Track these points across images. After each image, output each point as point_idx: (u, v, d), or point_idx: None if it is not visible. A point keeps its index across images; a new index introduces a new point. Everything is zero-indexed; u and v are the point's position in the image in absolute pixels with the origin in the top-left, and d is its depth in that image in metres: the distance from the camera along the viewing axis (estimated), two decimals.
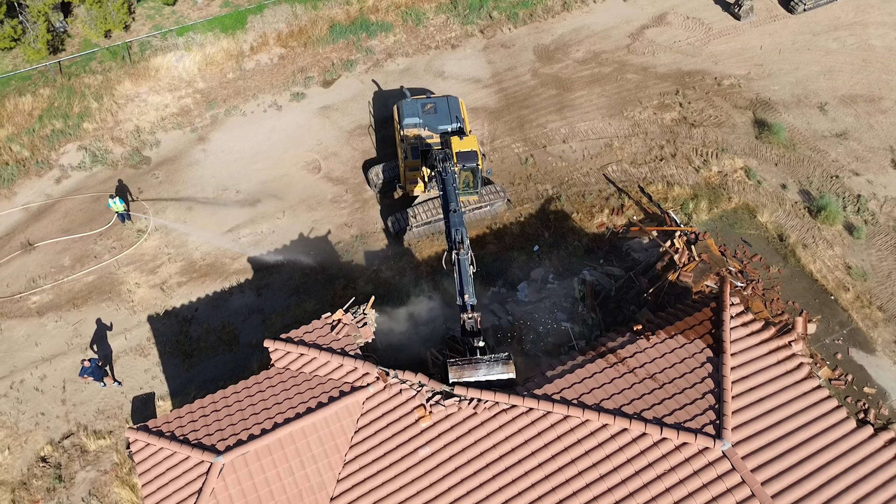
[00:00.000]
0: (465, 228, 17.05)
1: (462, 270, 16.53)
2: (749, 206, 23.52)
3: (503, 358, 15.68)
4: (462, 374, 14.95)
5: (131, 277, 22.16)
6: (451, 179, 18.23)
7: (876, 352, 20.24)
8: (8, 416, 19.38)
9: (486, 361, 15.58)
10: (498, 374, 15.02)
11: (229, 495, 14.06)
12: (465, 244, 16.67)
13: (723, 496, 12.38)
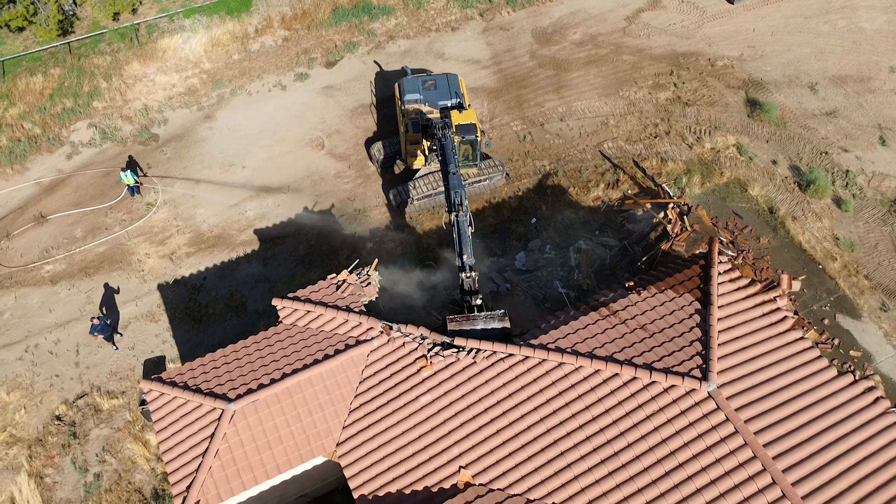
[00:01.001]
0: (463, 191, 17.74)
1: (461, 231, 17.23)
2: (740, 180, 24.23)
3: (499, 315, 16.41)
4: (460, 328, 15.68)
5: (141, 248, 22.87)
6: (451, 144, 18.93)
7: (862, 318, 20.95)
8: (23, 377, 20.09)
9: (483, 317, 16.30)
10: (494, 328, 15.73)
11: (240, 440, 14.78)
12: (464, 206, 17.36)
13: (708, 433, 13.10)
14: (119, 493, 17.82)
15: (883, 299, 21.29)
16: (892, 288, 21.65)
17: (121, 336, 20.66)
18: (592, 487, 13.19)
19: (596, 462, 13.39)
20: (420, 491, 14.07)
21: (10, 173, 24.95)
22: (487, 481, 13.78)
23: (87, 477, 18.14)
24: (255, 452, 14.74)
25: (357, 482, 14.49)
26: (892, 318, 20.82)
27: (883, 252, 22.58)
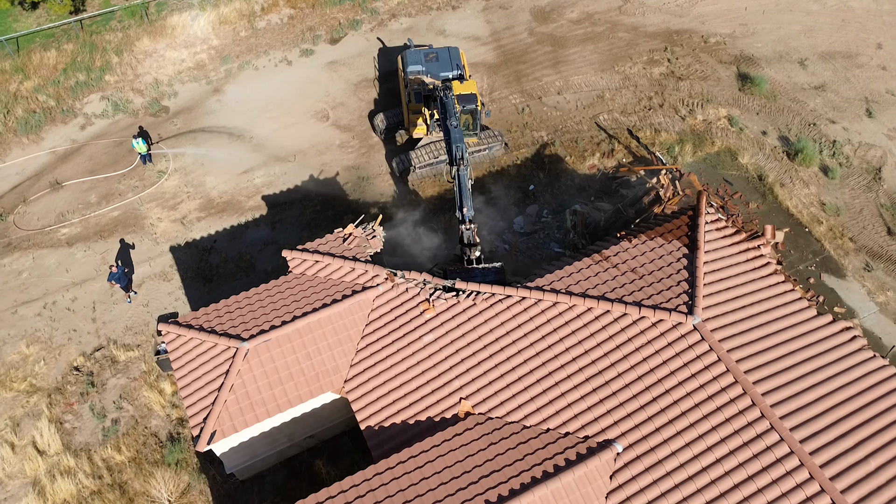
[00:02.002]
0: (464, 145, 18.59)
1: (462, 184, 18.10)
2: (731, 149, 25.11)
3: (496, 268, 17.29)
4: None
5: (154, 213, 23.74)
6: (451, 102, 19.78)
7: (846, 277, 21.83)
8: (42, 332, 20.96)
9: (481, 269, 17.18)
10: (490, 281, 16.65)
11: (254, 376, 15.67)
12: (465, 160, 18.22)
13: (693, 362, 13.98)
14: (136, 436, 18.70)
15: (867, 260, 22.18)
16: (875, 250, 22.54)
17: (135, 294, 21.53)
18: (585, 413, 14.08)
19: (588, 391, 14.28)
20: (423, 421, 14.95)
21: (25, 143, 25.81)
22: (486, 410, 14.67)
23: (104, 422, 19.02)
24: (268, 388, 15.62)
25: (364, 415, 15.38)
26: (875, 278, 21.70)
27: (867, 217, 23.46)
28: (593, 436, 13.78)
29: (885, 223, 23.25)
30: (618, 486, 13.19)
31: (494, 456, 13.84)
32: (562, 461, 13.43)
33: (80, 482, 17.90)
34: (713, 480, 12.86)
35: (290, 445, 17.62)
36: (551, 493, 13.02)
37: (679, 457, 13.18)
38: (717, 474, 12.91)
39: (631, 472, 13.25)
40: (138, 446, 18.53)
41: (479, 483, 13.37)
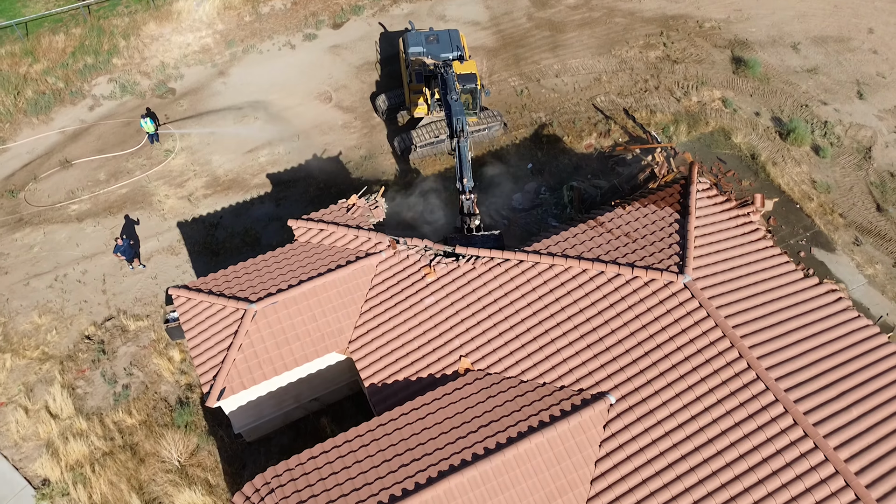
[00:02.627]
0: (465, 118, 19.18)
1: (462, 156, 18.69)
2: (725, 129, 25.70)
3: (495, 236, 17.90)
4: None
5: (161, 190, 24.34)
6: (452, 78, 20.38)
7: (836, 251, 22.43)
8: (54, 303, 21.56)
9: (481, 237, 17.79)
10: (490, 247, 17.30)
11: (261, 336, 16.27)
12: (465, 132, 18.81)
13: (684, 318, 14.58)
14: (146, 401, 19.30)
15: (856, 235, 22.78)
16: (865, 225, 23.14)
17: (143, 267, 22.13)
18: (579, 368, 14.69)
19: (582, 347, 14.88)
20: (425, 378, 15.56)
21: (35, 123, 26.42)
22: (485, 367, 15.28)
23: (115, 388, 19.62)
24: (275, 347, 16.22)
25: (367, 373, 15.98)
26: (864, 252, 22.30)
27: (857, 194, 24.06)
28: (587, 388, 14.39)
29: (875, 200, 23.85)
30: (611, 434, 13.80)
31: (493, 408, 14.45)
32: (557, 412, 14.03)
33: (93, 444, 18.50)
34: (701, 428, 13.47)
35: (295, 407, 18.22)
36: (547, 440, 13.63)
37: (669, 406, 13.78)
38: (706, 422, 13.51)
39: (623, 422, 13.86)
40: (148, 410, 19.13)
41: (478, 432, 13.98)
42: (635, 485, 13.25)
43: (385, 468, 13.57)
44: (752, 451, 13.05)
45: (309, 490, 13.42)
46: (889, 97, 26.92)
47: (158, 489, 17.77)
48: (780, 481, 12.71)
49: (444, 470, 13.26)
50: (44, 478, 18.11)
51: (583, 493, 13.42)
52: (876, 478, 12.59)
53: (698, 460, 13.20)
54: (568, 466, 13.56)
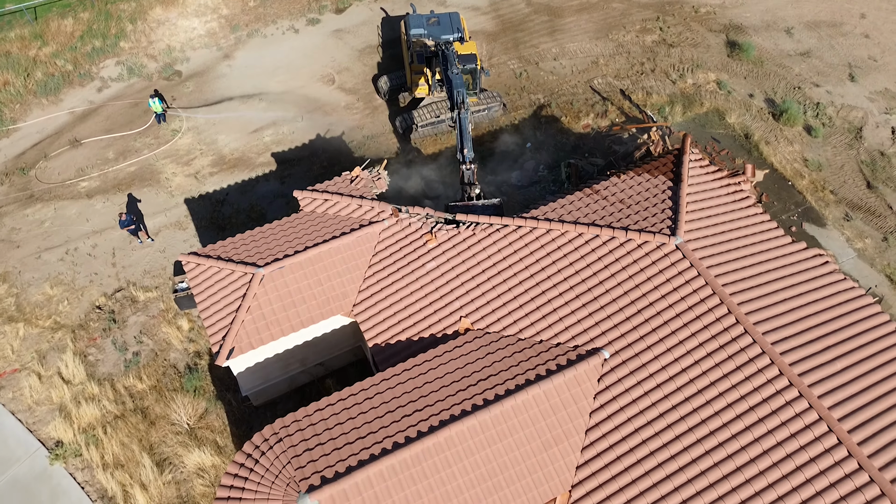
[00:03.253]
0: (465, 90, 19.76)
1: (463, 127, 19.28)
2: (719, 110, 26.30)
3: (494, 203, 18.50)
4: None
5: (169, 168, 24.93)
6: (452, 54, 20.99)
7: (826, 226, 23.03)
8: (65, 275, 22.15)
9: (481, 205, 18.39)
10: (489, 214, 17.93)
11: (269, 299, 16.87)
12: (466, 104, 19.39)
13: (675, 278, 15.17)
14: (156, 367, 19.90)
15: (847, 211, 23.37)
16: (855, 202, 23.74)
17: (152, 241, 22.71)
18: (575, 326, 15.28)
19: (578, 306, 15.47)
20: (426, 337, 16.15)
21: (45, 104, 27.02)
22: (485, 326, 15.87)
23: (126, 355, 20.22)
24: (282, 310, 16.82)
25: (371, 334, 16.57)
26: (854, 227, 22.90)
27: (848, 172, 24.65)
28: (583, 345, 14.99)
29: (865, 178, 24.44)
30: (605, 387, 14.39)
31: (492, 363, 15.05)
32: (553, 366, 14.62)
33: (104, 407, 19.10)
34: (691, 379, 14.06)
35: (301, 371, 18.82)
36: (543, 392, 14.22)
37: (661, 360, 14.37)
38: (696, 374, 14.10)
39: (617, 376, 14.45)
40: (158, 376, 19.73)
41: (477, 385, 14.57)
42: (628, 434, 13.84)
43: (389, 418, 14.16)
44: (740, 400, 13.64)
45: (316, 439, 14.00)
46: (880, 79, 27.51)
47: (168, 450, 18.36)
48: (766, 427, 13.29)
49: (445, 419, 13.85)
50: (57, 439, 18.71)
51: (578, 442, 14.01)
52: (855, 419, 13.20)
53: (688, 409, 13.79)
54: (563, 417, 14.15)
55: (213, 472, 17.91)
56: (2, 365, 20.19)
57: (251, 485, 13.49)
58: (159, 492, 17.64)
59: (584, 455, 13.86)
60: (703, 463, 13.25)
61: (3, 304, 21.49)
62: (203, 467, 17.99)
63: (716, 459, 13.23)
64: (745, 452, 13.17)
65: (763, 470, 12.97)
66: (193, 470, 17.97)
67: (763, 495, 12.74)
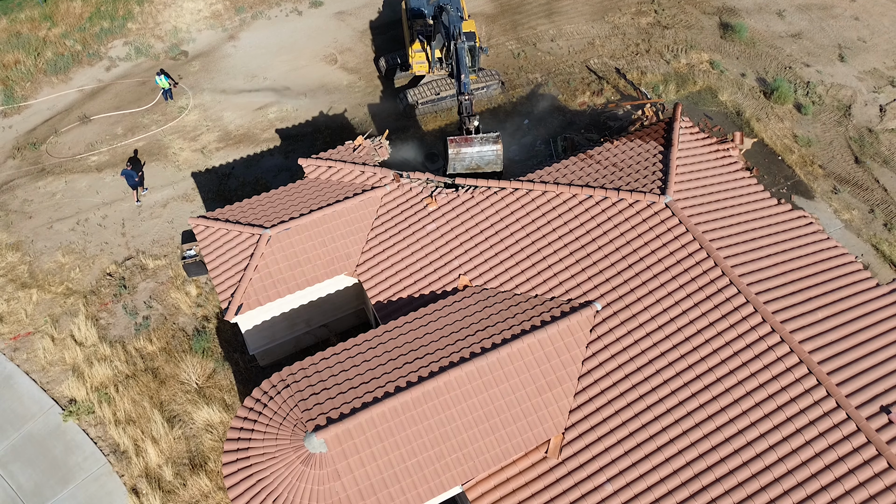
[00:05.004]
0: (460, 24, 20.66)
1: (459, 58, 20.04)
2: (712, 88, 26.99)
3: (493, 137, 19.26)
4: (459, 151, 18.51)
5: (176, 143, 25.62)
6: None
7: (815, 198, 23.73)
8: (76, 244, 22.85)
9: (479, 139, 19.20)
10: (489, 148, 18.56)
11: (276, 258, 17.57)
12: (461, 37, 20.21)
13: (665, 234, 15.85)
14: (165, 330, 20.59)
15: (835, 184, 24.07)
16: (843, 176, 24.43)
17: (146, 190, 23.42)
18: (568, 281, 15.98)
19: (572, 262, 16.17)
20: (427, 295, 16.85)
21: (55, 82, 27.71)
22: (483, 283, 16.57)
23: (137, 319, 20.91)
24: (288, 269, 17.51)
25: (374, 292, 17.27)
26: (842, 199, 23.60)
27: (837, 148, 25.35)
28: (576, 298, 15.69)
29: (853, 153, 25.13)
30: (597, 337, 15.10)
31: (489, 315, 15.75)
32: (548, 317, 15.33)
33: (116, 367, 19.80)
34: (679, 328, 14.76)
35: (306, 332, 19.51)
36: (538, 341, 14.92)
37: (650, 311, 15.07)
38: (683, 323, 14.78)
39: (609, 326, 15.15)
40: (168, 338, 20.42)
41: (475, 335, 15.27)
42: (618, 380, 14.55)
43: (391, 365, 14.87)
44: (725, 346, 14.33)
45: (321, 384, 14.71)
46: (869, 60, 28.19)
47: (178, 407, 19.07)
48: (749, 371, 13.99)
49: (445, 365, 14.55)
50: (70, 398, 19.41)
51: (571, 388, 14.71)
52: (835, 362, 13.91)
53: (676, 356, 14.48)
54: (557, 364, 14.85)
55: (220, 429, 18.61)
56: (16, 328, 20.89)
57: (260, 426, 14.19)
58: (170, 446, 18.34)
59: (577, 400, 14.56)
60: (690, 405, 13.95)
61: (17, 271, 22.19)
62: (211, 423, 18.68)
63: (702, 401, 13.92)
64: (730, 394, 13.86)
65: (746, 410, 13.65)
66: (202, 426, 18.67)
67: (746, 433, 13.43)
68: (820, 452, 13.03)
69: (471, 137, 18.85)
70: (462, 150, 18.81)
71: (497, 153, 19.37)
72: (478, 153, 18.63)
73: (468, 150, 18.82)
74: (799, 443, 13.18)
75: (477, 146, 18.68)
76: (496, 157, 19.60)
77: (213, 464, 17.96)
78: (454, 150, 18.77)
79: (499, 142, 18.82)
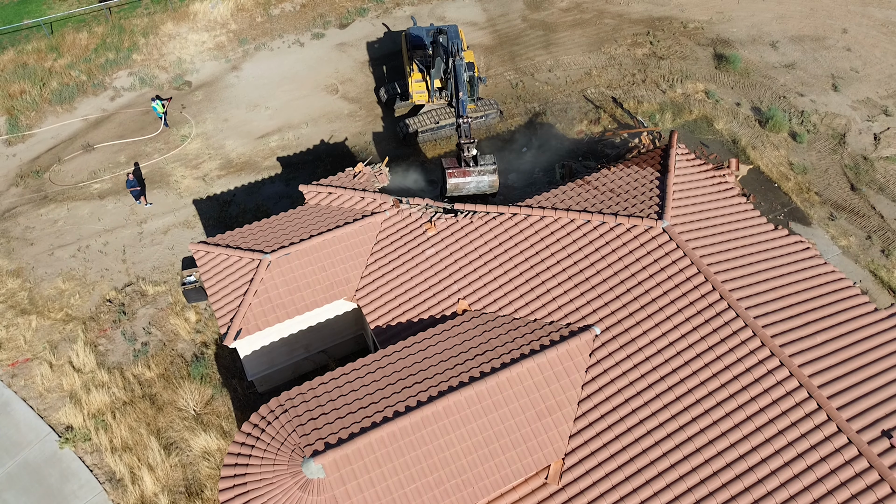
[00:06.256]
0: (459, 41, 21.06)
1: (458, 75, 20.35)
2: (707, 116, 27.38)
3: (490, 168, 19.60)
4: (458, 185, 18.81)
5: (178, 171, 25.88)
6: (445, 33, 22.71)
7: (812, 225, 23.88)
8: (77, 271, 22.92)
9: (477, 171, 19.57)
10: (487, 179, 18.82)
11: (275, 283, 17.62)
12: (460, 55, 20.55)
13: (662, 259, 15.94)
14: (164, 356, 20.54)
15: (831, 211, 24.24)
16: (839, 203, 24.62)
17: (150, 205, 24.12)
18: (567, 305, 16.01)
19: (570, 286, 16.22)
20: (426, 319, 16.87)
21: (60, 111, 28.11)
22: (482, 308, 16.60)
23: (135, 345, 20.88)
24: (288, 294, 17.56)
25: (373, 317, 17.29)
26: (838, 226, 23.75)
27: (832, 175, 25.60)
28: (575, 322, 15.70)
29: (849, 181, 25.37)
30: (596, 361, 15.07)
31: (488, 340, 15.75)
32: (547, 341, 15.32)
33: (114, 394, 19.70)
34: (678, 352, 14.74)
35: (304, 358, 19.46)
36: (538, 365, 14.89)
37: (649, 335, 15.07)
38: (682, 347, 14.78)
39: (608, 350, 15.14)
40: (166, 364, 20.36)
41: (474, 360, 15.25)
42: (618, 404, 14.48)
43: (389, 390, 14.81)
44: (724, 370, 14.29)
45: (319, 409, 14.63)
46: (862, 89, 28.64)
47: (175, 434, 18.91)
48: (749, 395, 13.93)
49: (444, 390, 14.50)
50: (67, 424, 19.26)
51: (570, 412, 14.64)
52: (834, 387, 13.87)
53: (675, 380, 14.44)
54: (557, 388, 14.80)
55: (218, 456, 18.43)
56: (14, 355, 20.84)
57: (257, 451, 14.09)
58: (166, 473, 18.15)
59: (577, 425, 14.48)
60: (690, 429, 13.86)
61: (17, 297, 22.23)
62: (209, 451, 18.52)
63: (702, 426, 13.84)
64: (730, 418, 13.78)
65: (747, 434, 13.56)
66: (199, 453, 18.50)
67: (747, 458, 13.33)
68: (822, 477, 12.91)
69: (468, 170, 19.20)
70: (460, 181, 19.20)
71: (494, 182, 19.67)
72: (475, 184, 19.00)
73: (466, 181, 19.18)
74: (801, 467, 13.07)
75: (474, 177, 19.02)
76: (493, 184, 19.89)
77: (210, 492, 17.76)
78: (452, 184, 19.14)
79: (496, 172, 19.14)
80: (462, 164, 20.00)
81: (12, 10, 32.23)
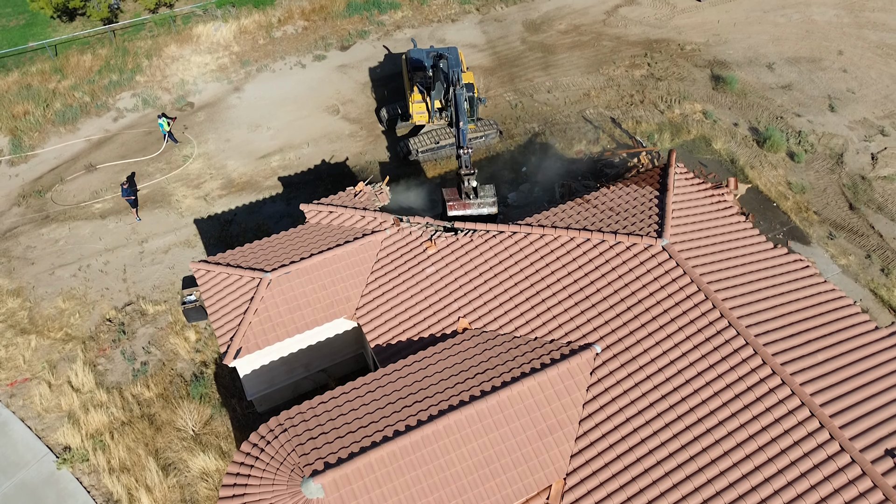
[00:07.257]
0: (460, 70, 21.26)
1: (458, 103, 20.50)
2: (705, 136, 27.59)
3: (490, 200, 19.69)
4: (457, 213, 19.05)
5: (179, 191, 26.00)
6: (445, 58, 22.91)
7: (811, 244, 23.94)
8: (77, 290, 22.91)
9: (477, 203, 19.69)
10: (487, 210, 18.95)
11: (275, 302, 17.62)
12: (461, 83, 20.76)
13: (662, 277, 15.96)
14: (163, 376, 20.45)
15: (830, 230, 24.32)
16: (838, 222, 24.71)
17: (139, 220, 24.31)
18: (568, 323, 16.00)
19: (570, 305, 16.23)
20: (426, 337, 16.84)
21: (63, 132, 28.32)
22: (482, 326, 16.58)
23: (135, 364, 20.80)
24: (288, 312, 17.54)
25: (373, 335, 17.26)
26: (838, 245, 23.81)
27: (831, 194, 25.72)
28: (575, 341, 15.67)
29: (847, 200, 25.48)
30: (597, 380, 15.02)
31: (489, 358, 15.71)
32: (548, 360, 15.28)
33: (112, 414, 19.58)
34: (679, 371, 14.70)
35: (304, 378, 19.38)
36: (538, 384, 14.83)
37: (650, 353, 15.04)
38: (683, 366, 14.74)
39: (608, 369, 15.10)
40: (165, 384, 20.27)
41: (475, 378, 15.19)
42: (620, 423, 14.40)
43: (389, 409, 14.74)
44: (726, 389, 14.24)
45: (319, 429, 14.54)
46: (859, 110, 28.89)
47: (174, 455, 18.77)
48: (751, 414, 13.85)
49: (444, 409, 14.43)
50: (65, 445, 19.12)
51: (571, 432, 14.55)
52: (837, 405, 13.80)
53: (677, 399, 14.38)
54: (558, 407, 14.73)
55: (216, 476, 18.27)
56: (13, 374, 20.76)
57: (256, 472, 13.98)
58: (164, 495, 17.98)
59: (578, 444, 14.39)
60: (693, 449, 13.77)
61: (16, 317, 22.20)
62: (207, 471, 18.36)
63: (704, 445, 13.75)
64: (732, 437, 13.70)
65: (749, 453, 13.48)
66: (198, 474, 18.34)
67: (750, 477, 13.23)
68: (826, 497, 12.81)
69: (469, 203, 19.52)
70: (459, 214, 19.70)
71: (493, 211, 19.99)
72: (475, 214, 19.45)
73: (466, 213, 19.70)
74: (804, 487, 12.96)
75: (474, 210, 19.30)
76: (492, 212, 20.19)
77: None
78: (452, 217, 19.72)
79: (496, 205, 19.46)
80: (462, 195, 20.16)
81: (18, 33, 32.69)
